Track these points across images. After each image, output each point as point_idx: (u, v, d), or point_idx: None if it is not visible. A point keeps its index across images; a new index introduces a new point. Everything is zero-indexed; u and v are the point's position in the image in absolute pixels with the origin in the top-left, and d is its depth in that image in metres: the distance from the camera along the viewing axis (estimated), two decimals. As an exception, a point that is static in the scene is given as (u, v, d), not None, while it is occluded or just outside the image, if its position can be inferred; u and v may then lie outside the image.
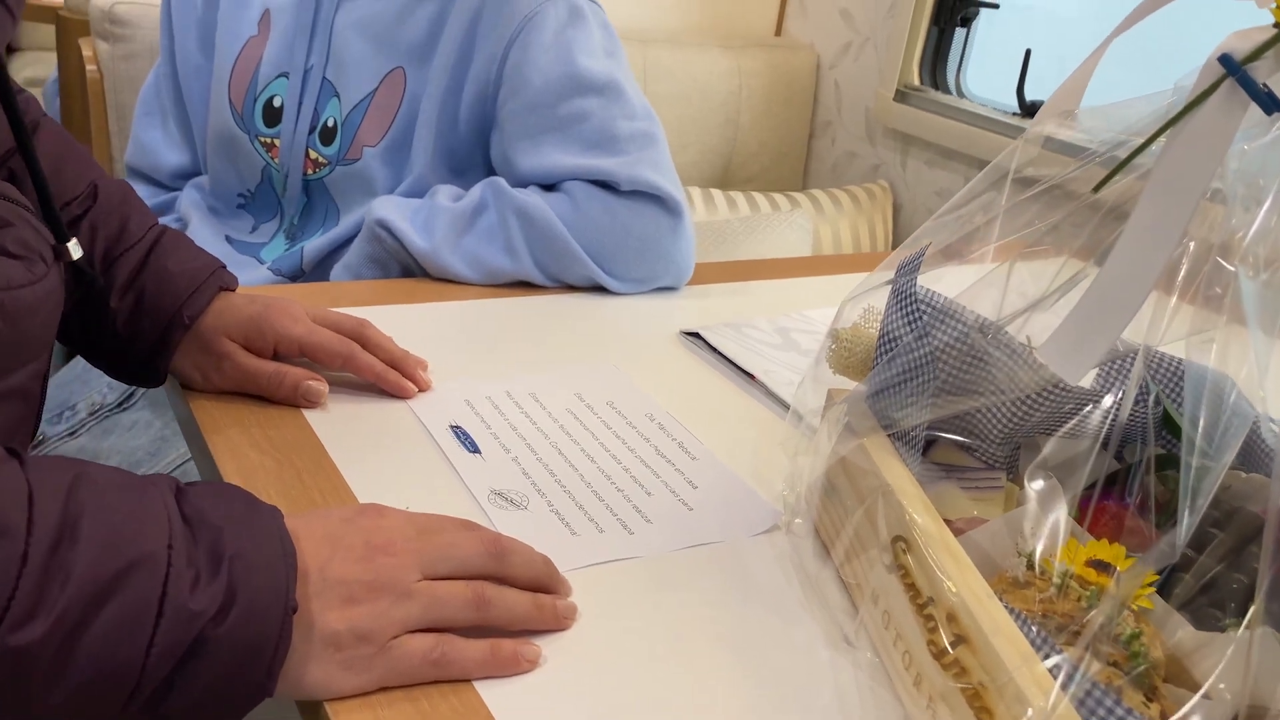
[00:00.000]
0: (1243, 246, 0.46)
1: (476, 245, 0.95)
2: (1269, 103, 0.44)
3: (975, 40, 1.83)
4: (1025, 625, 0.44)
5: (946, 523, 0.51)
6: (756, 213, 1.77)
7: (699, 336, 0.90)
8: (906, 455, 0.56)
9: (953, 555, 0.48)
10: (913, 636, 0.48)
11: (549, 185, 0.97)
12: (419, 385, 0.75)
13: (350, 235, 1.01)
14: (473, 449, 0.69)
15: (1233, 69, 0.44)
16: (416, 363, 0.76)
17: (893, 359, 0.56)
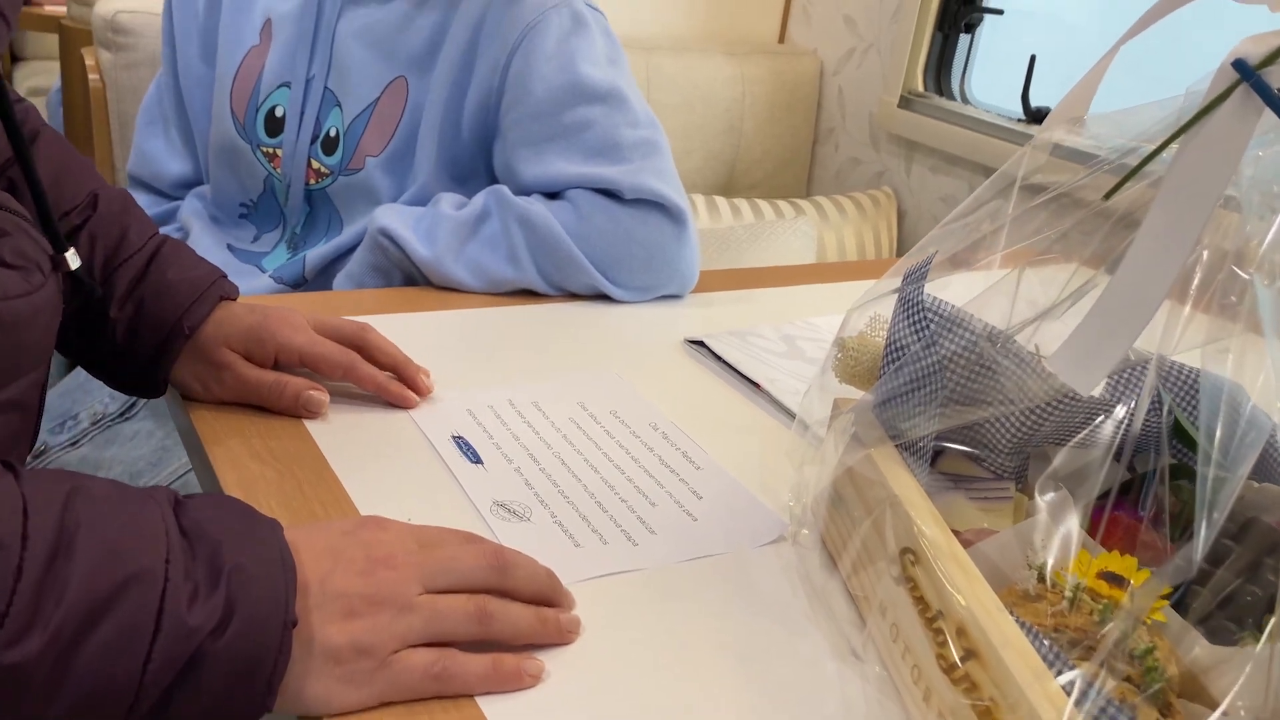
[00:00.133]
0: (1258, 254, 0.45)
1: (479, 254, 0.94)
2: (1283, 108, 0.43)
3: (979, 46, 1.82)
4: (1037, 640, 0.43)
5: (955, 534, 0.50)
6: (760, 220, 1.76)
7: (703, 345, 0.90)
8: (914, 466, 0.55)
9: (962, 567, 0.47)
10: (921, 650, 0.47)
11: (552, 194, 0.97)
12: (420, 391, 0.74)
13: (353, 244, 1.00)
14: (475, 459, 0.68)
15: (1247, 74, 0.44)
16: (418, 369, 0.75)
17: (900, 368, 0.55)
